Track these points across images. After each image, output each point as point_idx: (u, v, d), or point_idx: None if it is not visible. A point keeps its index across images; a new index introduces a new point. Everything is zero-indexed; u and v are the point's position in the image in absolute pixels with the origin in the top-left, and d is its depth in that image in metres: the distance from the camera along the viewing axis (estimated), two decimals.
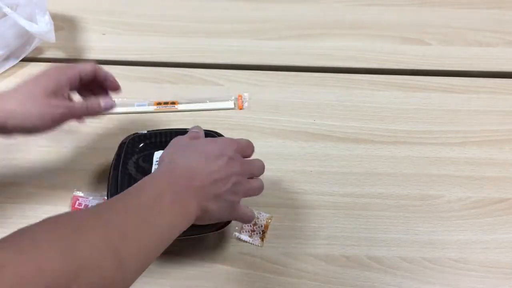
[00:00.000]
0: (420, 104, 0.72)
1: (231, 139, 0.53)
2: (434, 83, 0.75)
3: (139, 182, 0.46)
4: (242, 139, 0.54)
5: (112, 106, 0.57)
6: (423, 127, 0.70)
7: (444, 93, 0.74)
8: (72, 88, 0.55)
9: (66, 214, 0.39)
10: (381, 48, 0.79)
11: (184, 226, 0.46)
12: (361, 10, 0.85)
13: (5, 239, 0.35)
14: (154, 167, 0.57)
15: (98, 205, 0.46)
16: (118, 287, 0.38)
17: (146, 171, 0.56)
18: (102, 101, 0.55)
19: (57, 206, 0.60)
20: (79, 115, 0.54)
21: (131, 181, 0.55)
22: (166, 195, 0.45)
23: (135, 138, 0.59)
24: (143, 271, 0.42)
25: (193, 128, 0.56)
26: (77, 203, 0.60)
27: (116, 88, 0.58)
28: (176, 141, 0.53)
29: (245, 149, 0.53)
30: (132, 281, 0.40)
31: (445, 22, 0.83)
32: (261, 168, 0.54)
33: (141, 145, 0.58)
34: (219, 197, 0.48)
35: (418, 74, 0.76)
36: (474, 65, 0.77)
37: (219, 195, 0.48)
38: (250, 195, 0.52)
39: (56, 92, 0.52)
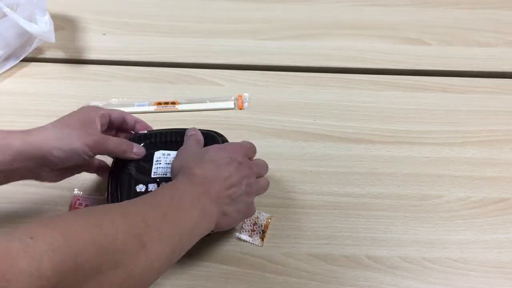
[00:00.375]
0: (420, 104, 0.72)
1: (238, 145, 0.56)
2: (434, 83, 0.75)
3: (156, 189, 0.49)
4: (244, 142, 0.57)
5: (142, 154, 0.57)
6: (423, 127, 0.70)
7: (444, 93, 0.74)
8: (102, 126, 0.56)
9: (88, 208, 0.43)
10: (381, 48, 0.79)
11: (205, 228, 0.49)
12: (361, 10, 0.85)
13: (30, 224, 0.36)
14: (155, 166, 0.57)
15: (117, 203, 0.48)
16: (143, 267, 0.40)
17: (147, 171, 0.56)
18: (135, 147, 0.57)
19: (57, 206, 0.60)
20: (111, 148, 0.54)
21: (131, 181, 0.55)
22: (186, 197, 0.48)
23: (135, 138, 0.59)
24: (169, 262, 0.44)
25: (188, 131, 0.58)
26: (77, 203, 0.60)
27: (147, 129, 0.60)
28: (185, 150, 0.55)
29: (250, 151, 0.56)
30: (160, 267, 0.43)
31: (445, 22, 0.83)
32: (266, 167, 0.57)
33: (141, 145, 0.58)
34: (235, 201, 0.52)
35: (418, 74, 0.76)
36: (474, 65, 0.77)
37: (235, 198, 0.51)
38: (260, 193, 0.56)
39: (90, 124, 0.54)
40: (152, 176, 0.56)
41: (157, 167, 0.56)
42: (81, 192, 0.61)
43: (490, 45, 0.80)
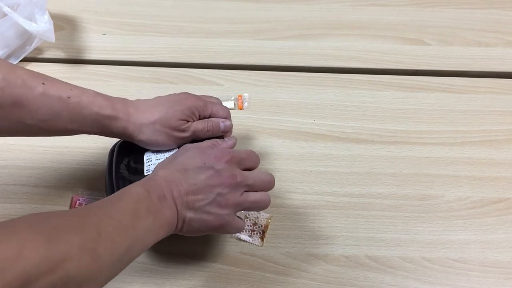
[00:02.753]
0: (420, 104, 0.72)
1: (226, 151, 0.51)
2: (433, 83, 0.75)
3: (115, 193, 0.47)
4: (241, 150, 0.52)
5: (231, 128, 0.58)
6: (422, 127, 0.70)
7: (443, 93, 0.74)
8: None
9: (47, 212, 0.40)
10: (381, 48, 0.79)
11: (163, 232, 0.46)
12: (361, 10, 0.85)
13: None
14: (146, 164, 0.57)
15: (76, 208, 0.46)
16: (95, 279, 0.39)
17: (139, 171, 0.56)
18: (221, 123, 0.57)
19: (57, 206, 0.61)
20: (201, 138, 0.56)
21: (125, 183, 0.55)
22: (143, 202, 0.45)
23: (123, 144, 0.58)
24: (120, 270, 0.42)
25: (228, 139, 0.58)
26: (77, 203, 0.60)
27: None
28: (178, 151, 0.54)
29: (244, 161, 0.52)
30: (111, 276, 0.41)
31: (445, 22, 0.83)
32: (268, 182, 0.52)
33: (131, 147, 0.58)
34: (199, 209, 0.48)
35: (418, 74, 0.76)
36: (474, 65, 0.77)
37: (199, 207, 0.48)
38: (252, 210, 0.52)
39: (184, 119, 0.55)
40: (145, 175, 0.56)
41: (149, 165, 0.57)
42: (81, 192, 0.61)
43: (489, 45, 0.80)
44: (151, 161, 0.57)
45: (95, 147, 0.66)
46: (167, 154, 0.56)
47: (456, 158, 0.67)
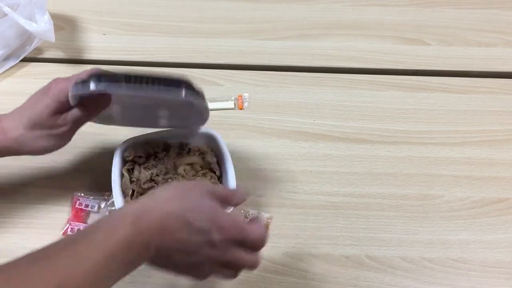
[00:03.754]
0: (420, 104, 0.72)
1: (238, 226, 0.44)
2: (433, 83, 0.75)
3: (104, 221, 0.42)
4: (256, 231, 0.44)
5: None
6: (422, 127, 0.70)
7: (443, 93, 0.74)
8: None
9: (3, 265, 0.36)
10: (381, 48, 0.79)
11: (129, 272, 0.41)
12: (361, 10, 0.85)
13: None
14: None
15: (38, 250, 0.39)
16: None
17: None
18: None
19: (58, 206, 0.61)
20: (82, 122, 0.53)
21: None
22: (120, 254, 0.39)
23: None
24: None
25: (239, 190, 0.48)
26: (77, 203, 0.60)
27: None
28: (195, 187, 0.45)
29: (251, 244, 0.44)
30: None
31: (445, 22, 0.83)
32: (251, 262, 0.45)
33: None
34: (176, 266, 0.43)
35: (418, 74, 0.76)
36: (474, 65, 0.77)
37: (176, 264, 0.43)
38: (240, 270, 0.46)
39: (55, 112, 0.52)
40: None
41: None
42: (81, 192, 0.61)
43: (489, 45, 0.80)
44: None
45: (95, 147, 0.66)
46: None
47: (456, 158, 0.67)
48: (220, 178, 0.59)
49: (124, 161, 0.58)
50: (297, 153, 0.67)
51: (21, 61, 0.75)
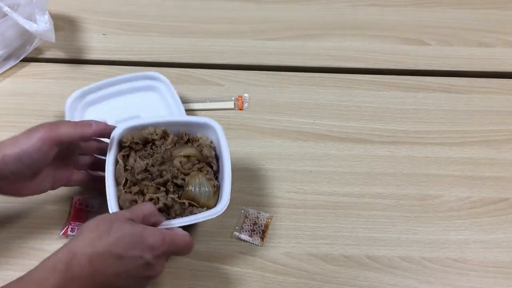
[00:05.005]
0: (420, 104, 0.72)
1: (163, 239, 0.46)
2: (433, 83, 0.75)
3: (37, 267, 0.43)
4: (181, 239, 0.48)
5: (108, 130, 0.54)
6: (422, 127, 0.70)
7: (443, 93, 0.74)
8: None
9: None
10: (381, 48, 0.79)
11: None
12: (361, 10, 0.85)
13: None
14: None
15: None
16: None
17: None
18: (94, 124, 0.53)
19: (58, 206, 0.61)
20: (64, 132, 0.51)
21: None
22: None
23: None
24: None
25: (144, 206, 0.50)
26: (77, 203, 0.60)
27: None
28: (112, 221, 0.46)
29: (179, 250, 0.49)
30: None
31: (445, 22, 0.83)
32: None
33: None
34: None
35: (418, 74, 0.76)
36: (474, 65, 0.77)
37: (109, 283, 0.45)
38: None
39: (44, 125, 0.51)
40: None
41: None
42: (82, 194, 0.61)
43: (489, 45, 0.80)
44: None
45: None
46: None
47: (456, 158, 0.67)
48: (217, 173, 0.57)
49: (120, 147, 0.56)
50: (297, 153, 0.67)
51: (21, 61, 0.75)
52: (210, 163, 0.57)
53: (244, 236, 0.59)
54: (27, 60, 0.76)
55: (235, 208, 0.61)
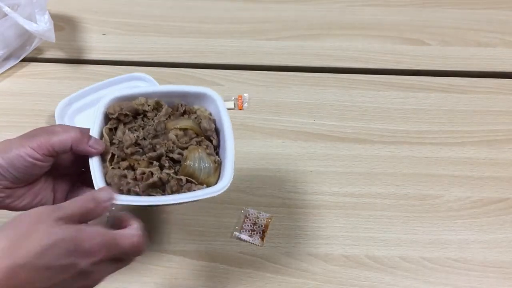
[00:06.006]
0: (420, 104, 0.72)
1: (102, 243, 0.38)
2: (433, 83, 0.75)
3: None
4: (127, 240, 0.40)
5: (100, 148, 0.48)
6: (422, 127, 0.70)
7: (443, 93, 0.74)
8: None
9: None
10: (381, 48, 0.79)
11: None
12: (361, 10, 0.85)
13: None
14: None
15: None
16: None
17: None
18: (92, 140, 0.47)
19: None
20: (56, 141, 0.45)
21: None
22: None
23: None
24: None
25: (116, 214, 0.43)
26: None
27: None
28: (36, 225, 0.37)
29: (125, 255, 0.41)
30: None
31: (445, 22, 0.83)
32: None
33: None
34: None
35: (418, 74, 0.76)
36: (474, 65, 0.77)
37: None
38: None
39: (35, 131, 0.46)
40: None
41: None
42: None
43: (490, 45, 0.80)
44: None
45: None
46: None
47: (456, 158, 0.67)
48: (217, 148, 0.51)
49: (107, 119, 0.50)
50: (297, 153, 0.67)
51: (21, 61, 0.75)
52: (209, 137, 0.51)
53: (244, 236, 0.59)
54: (27, 60, 0.76)
55: (235, 208, 0.61)
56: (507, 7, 0.85)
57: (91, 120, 0.49)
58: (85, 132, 0.47)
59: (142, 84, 0.71)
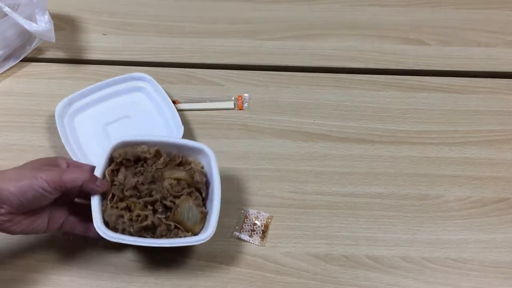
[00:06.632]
0: (420, 104, 0.72)
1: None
2: (433, 83, 0.75)
3: None
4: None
5: (105, 188, 0.53)
6: (422, 127, 0.70)
7: (443, 93, 0.74)
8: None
9: None
10: (381, 48, 0.79)
11: None
12: (361, 10, 0.85)
13: None
14: None
15: None
16: None
17: None
18: (99, 180, 0.53)
19: None
20: (66, 180, 0.50)
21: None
22: None
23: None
24: None
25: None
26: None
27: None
28: None
29: None
30: None
31: (445, 22, 0.83)
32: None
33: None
34: None
35: (418, 74, 0.76)
36: (474, 65, 0.77)
37: None
38: None
39: (49, 161, 0.52)
40: None
41: None
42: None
43: (489, 45, 0.80)
44: None
45: None
46: None
47: (456, 158, 0.67)
48: (205, 200, 0.56)
49: (111, 161, 0.55)
50: (297, 153, 0.67)
51: (21, 61, 0.75)
52: (199, 189, 0.56)
53: (244, 236, 0.59)
54: (27, 60, 0.76)
55: (235, 208, 0.61)
56: (507, 7, 0.86)
57: (97, 161, 0.55)
58: (92, 171, 0.53)
59: (142, 84, 0.71)
